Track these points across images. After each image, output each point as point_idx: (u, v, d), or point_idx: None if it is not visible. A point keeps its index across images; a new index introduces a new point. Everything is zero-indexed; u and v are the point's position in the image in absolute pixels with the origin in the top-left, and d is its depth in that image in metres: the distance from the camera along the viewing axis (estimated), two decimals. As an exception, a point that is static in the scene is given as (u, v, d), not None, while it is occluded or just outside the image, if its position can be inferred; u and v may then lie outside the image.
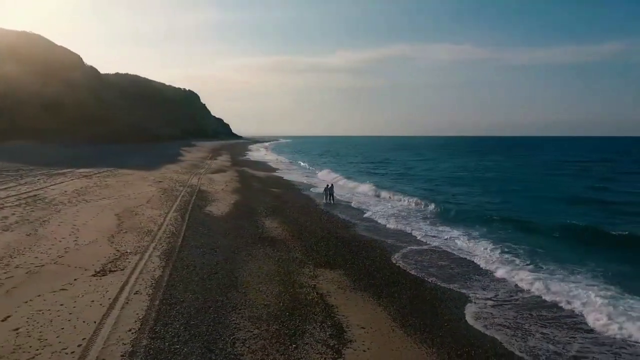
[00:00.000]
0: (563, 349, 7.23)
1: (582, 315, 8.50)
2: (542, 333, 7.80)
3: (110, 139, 63.49)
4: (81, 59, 79.24)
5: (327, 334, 7.27)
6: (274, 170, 42.81)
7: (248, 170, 38.77)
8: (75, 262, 9.82)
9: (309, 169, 46.51)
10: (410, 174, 41.68)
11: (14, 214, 13.88)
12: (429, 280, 10.60)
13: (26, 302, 7.52)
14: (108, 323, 6.97)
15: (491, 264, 11.81)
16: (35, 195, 17.30)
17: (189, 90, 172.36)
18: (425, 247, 13.83)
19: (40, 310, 7.24)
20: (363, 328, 7.60)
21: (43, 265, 9.40)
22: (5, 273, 8.77)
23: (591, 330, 7.94)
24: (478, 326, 8.04)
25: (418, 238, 14.91)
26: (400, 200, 23.03)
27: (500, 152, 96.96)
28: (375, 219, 18.12)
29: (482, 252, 13.01)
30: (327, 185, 22.32)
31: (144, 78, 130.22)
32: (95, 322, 6.99)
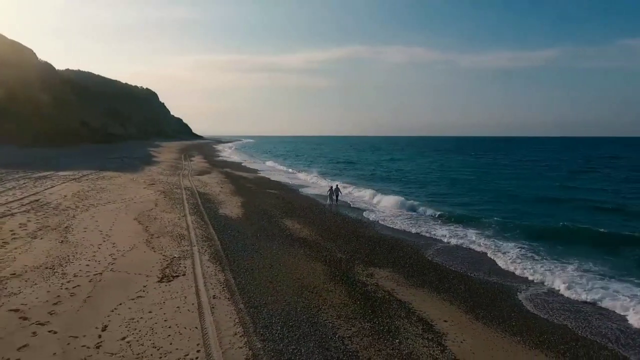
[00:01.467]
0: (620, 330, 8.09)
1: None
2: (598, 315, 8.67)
3: (68, 140, 59.86)
4: (34, 53, 73.94)
5: (420, 328, 7.66)
6: (256, 171, 42.42)
7: (232, 172, 38.19)
8: (130, 268, 9.54)
9: (288, 170, 46.49)
10: (394, 175, 42.78)
11: (29, 220, 13.07)
12: (472, 274, 11.27)
13: (113, 311, 7.30)
14: (209, 328, 6.95)
15: (514, 260, 12.64)
16: (37, 201, 16.28)
17: (147, 88, 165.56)
18: (448, 244, 14.55)
19: (132, 319, 7.07)
20: (445, 322, 8.07)
21: (101, 273, 9.06)
22: (68, 282, 8.39)
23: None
24: (542, 314, 8.76)
25: (437, 237, 15.61)
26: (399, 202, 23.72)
27: (460, 151, 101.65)
28: (386, 219, 18.67)
29: (499, 248, 13.92)
30: (331, 187, 22.61)
31: (101, 76, 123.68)
32: (196, 327, 6.95)
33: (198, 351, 6.22)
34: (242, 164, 51.64)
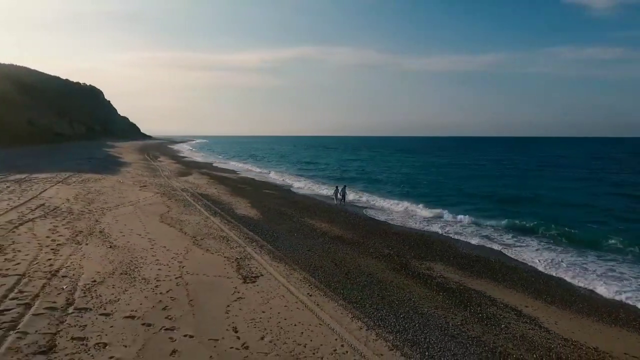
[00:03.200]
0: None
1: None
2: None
3: (16, 140, 55.09)
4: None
5: (512, 313, 8.29)
6: (234, 172, 41.67)
7: (212, 173, 37.24)
8: (205, 271, 9.30)
9: (262, 171, 46.16)
10: (364, 175, 43.82)
11: (55, 225, 12.13)
12: (512, 264, 12.17)
13: (227, 313, 7.17)
14: (332, 324, 7.07)
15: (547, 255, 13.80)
16: (43, 205, 15.06)
17: (91, 85, 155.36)
18: (467, 238, 15.47)
19: (253, 319, 7.00)
20: (527, 307, 8.78)
21: (181, 277, 8.77)
22: (157, 287, 8.05)
23: None
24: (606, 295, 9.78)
25: (455, 229, 16.51)
26: (398, 203, 24.49)
27: (416, 151, 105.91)
28: (395, 219, 19.35)
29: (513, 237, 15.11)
30: (337, 187, 22.91)
31: (41, 72, 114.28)
32: (319, 324, 7.04)
33: (342, 345, 6.35)
34: (214, 165, 50.57)
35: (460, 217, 18.98)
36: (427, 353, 6.36)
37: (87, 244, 10.55)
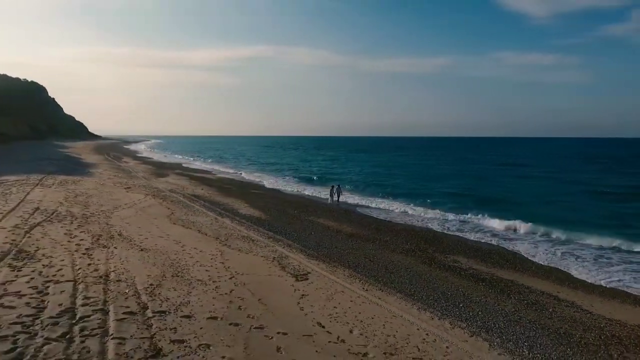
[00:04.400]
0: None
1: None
2: None
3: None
4: None
5: (552, 298, 9.01)
6: (209, 172, 40.70)
7: (189, 174, 36.13)
8: (253, 270, 9.21)
9: (232, 171, 45.42)
10: (333, 175, 44.40)
11: (69, 229, 11.41)
12: (524, 254, 13.07)
13: (302, 310, 7.21)
14: (406, 316, 7.35)
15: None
16: (38, 209, 14.03)
17: (32, 81, 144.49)
18: (465, 234, 16.34)
19: (330, 315, 7.09)
20: (559, 292, 9.53)
21: (234, 277, 8.63)
22: (217, 288, 7.89)
23: None
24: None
25: (450, 226, 17.34)
26: (389, 203, 25.07)
27: (376, 150, 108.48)
28: (396, 215, 19.95)
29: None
30: (332, 187, 23.13)
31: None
32: (394, 316, 7.29)
33: (427, 334, 6.64)
34: (184, 165, 49.04)
35: (451, 215, 19.86)
36: (503, 337, 6.82)
37: (115, 248, 10.06)
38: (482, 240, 15.11)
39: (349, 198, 25.36)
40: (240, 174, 41.64)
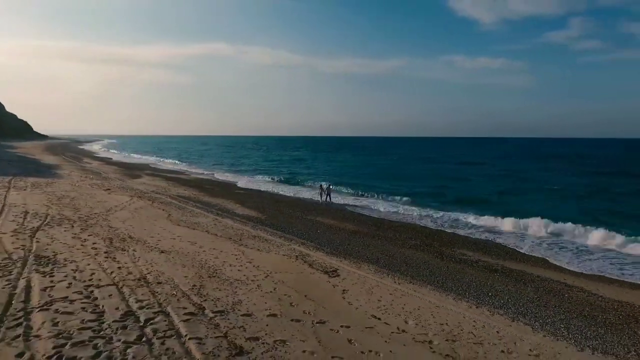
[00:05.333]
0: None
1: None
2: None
3: None
4: None
5: (563, 285, 9.72)
6: (181, 172, 39.49)
7: (162, 174, 34.91)
8: (284, 269, 9.25)
9: (205, 172, 44.45)
10: (303, 173, 44.66)
11: (75, 232, 10.85)
12: (514, 247, 13.96)
13: (350, 305, 7.40)
14: (452, 306, 7.74)
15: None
16: (27, 212, 13.16)
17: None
18: (455, 230, 17.17)
19: (380, 308, 7.34)
20: (565, 279, 10.32)
21: (269, 275, 8.65)
22: (258, 287, 7.90)
23: None
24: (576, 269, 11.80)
25: (441, 223, 18.13)
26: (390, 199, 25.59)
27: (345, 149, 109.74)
28: (388, 213, 20.51)
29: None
30: (322, 186, 23.27)
31: None
32: (437, 306, 7.65)
33: (474, 321, 7.06)
34: (152, 166, 47.29)
35: (438, 212, 20.68)
36: (540, 321, 7.38)
37: (134, 250, 9.72)
38: (475, 236, 15.92)
39: (333, 198, 25.69)
40: (213, 174, 40.89)
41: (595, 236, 15.57)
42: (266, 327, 6.13)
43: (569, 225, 17.21)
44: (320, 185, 23.61)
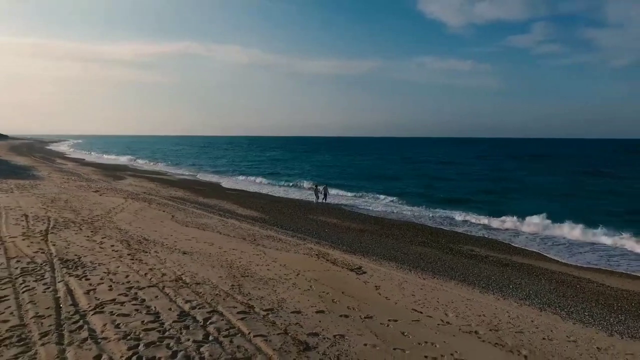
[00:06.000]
0: None
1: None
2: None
3: None
4: None
5: (572, 277, 10.28)
6: (162, 173, 38.59)
7: (144, 175, 34.03)
8: (310, 267, 9.37)
9: (188, 173, 43.72)
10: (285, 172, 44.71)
11: (88, 236, 10.55)
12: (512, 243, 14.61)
13: (388, 300, 7.61)
14: (481, 299, 8.08)
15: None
16: (27, 216, 12.64)
17: None
18: (453, 227, 17.74)
19: (416, 302, 7.59)
20: (572, 272, 10.93)
21: (300, 274, 8.74)
22: (295, 285, 7.98)
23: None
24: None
25: (439, 221, 18.68)
26: (378, 198, 25.92)
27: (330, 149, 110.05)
28: (385, 212, 20.90)
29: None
30: (316, 186, 23.37)
31: None
32: (468, 299, 7.98)
33: (507, 312, 7.42)
34: (130, 166, 45.98)
35: (434, 211, 21.25)
36: (565, 310, 7.85)
37: (156, 252, 9.57)
38: (473, 233, 16.49)
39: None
40: (196, 175, 40.32)
41: (579, 232, 16.42)
42: (319, 323, 6.24)
43: (551, 221, 18.14)
44: (316, 186, 23.72)
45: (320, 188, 22.82)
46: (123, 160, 58.74)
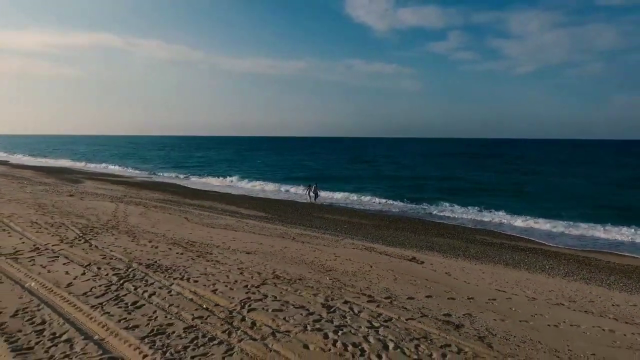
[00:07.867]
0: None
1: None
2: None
3: None
4: None
5: (582, 257, 11.91)
6: (118, 175, 36.01)
7: (102, 178, 31.56)
8: (374, 260, 9.86)
9: (142, 173, 41.28)
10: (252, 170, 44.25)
11: (117, 237, 9.98)
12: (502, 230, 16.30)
13: (481, 281, 8.39)
14: (538, 279, 9.18)
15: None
16: (36, 223, 11.52)
17: None
18: (458, 222, 19.23)
19: (489, 289, 8.47)
20: (578, 255, 12.61)
21: (352, 272, 9.21)
22: (357, 281, 8.44)
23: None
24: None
25: (441, 215, 20.07)
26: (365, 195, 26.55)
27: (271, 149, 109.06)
28: (381, 207, 21.81)
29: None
30: (309, 186, 23.63)
31: None
32: (529, 279, 9.04)
33: (564, 286, 8.58)
34: (74, 168, 42.14)
35: (421, 206, 22.61)
36: (605, 283, 9.25)
37: (220, 253, 9.43)
38: (467, 225, 17.99)
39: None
40: (151, 176, 38.41)
41: (549, 223, 18.64)
42: (438, 306, 6.82)
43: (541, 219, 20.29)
44: (308, 185, 24.09)
45: (313, 187, 23.33)
46: (51, 161, 53.58)
